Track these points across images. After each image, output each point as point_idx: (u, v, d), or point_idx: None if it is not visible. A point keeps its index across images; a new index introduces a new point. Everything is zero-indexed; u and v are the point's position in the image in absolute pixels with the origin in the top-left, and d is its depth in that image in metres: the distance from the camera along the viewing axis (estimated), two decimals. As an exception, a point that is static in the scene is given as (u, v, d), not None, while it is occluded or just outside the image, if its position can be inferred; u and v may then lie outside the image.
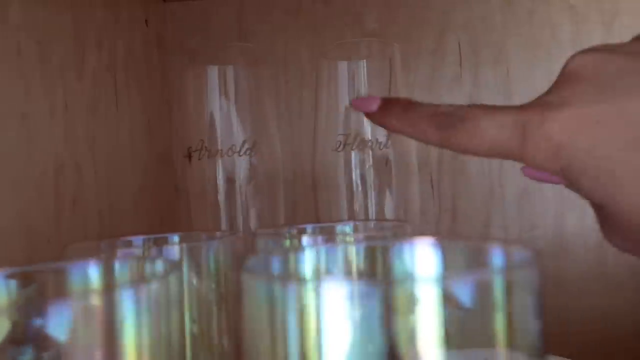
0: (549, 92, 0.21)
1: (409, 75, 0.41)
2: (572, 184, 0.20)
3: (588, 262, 0.41)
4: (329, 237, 0.19)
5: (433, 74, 0.41)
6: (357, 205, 0.31)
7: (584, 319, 0.41)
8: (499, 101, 0.41)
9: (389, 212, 0.32)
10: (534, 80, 0.41)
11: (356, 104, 0.24)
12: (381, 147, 0.29)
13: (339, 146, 0.29)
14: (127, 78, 0.33)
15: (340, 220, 0.22)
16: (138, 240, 0.18)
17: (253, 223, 0.30)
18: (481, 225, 0.41)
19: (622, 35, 0.41)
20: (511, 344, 0.08)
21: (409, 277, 0.10)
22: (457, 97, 0.41)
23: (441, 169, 0.41)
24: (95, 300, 0.09)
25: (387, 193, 0.32)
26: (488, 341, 0.08)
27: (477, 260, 0.10)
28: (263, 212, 0.31)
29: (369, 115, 0.23)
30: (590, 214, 0.42)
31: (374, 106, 0.23)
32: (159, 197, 0.35)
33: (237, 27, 0.43)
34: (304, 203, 0.39)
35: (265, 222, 0.31)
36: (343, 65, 0.33)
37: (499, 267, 0.10)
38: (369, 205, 0.31)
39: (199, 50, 0.34)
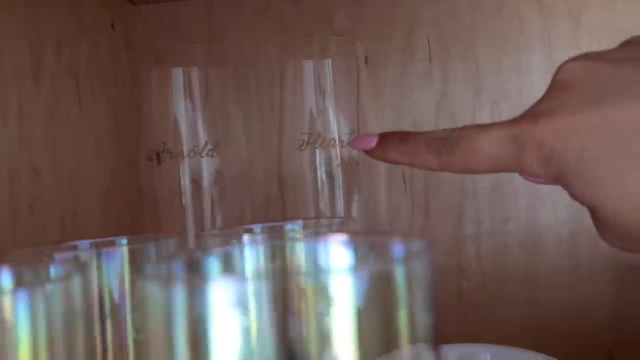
0: (540, 101, 0.21)
1: (379, 73, 0.42)
2: (567, 189, 0.21)
3: (560, 254, 0.41)
4: (275, 236, 0.20)
5: (403, 70, 0.42)
6: (323, 204, 0.31)
7: (557, 311, 0.41)
8: (468, 96, 0.41)
9: (358, 211, 0.32)
10: (502, 74, 0.41)
11: (355, 143, 0.25)
12: (343, 145, 0.29)
13: (302, 145, 0.30)
14: (91, 81, 0.33)
15: (292, 219, 0.22)
16: (84, 244, 0.17)
17: (219, 224, 0.30)
18: (454, 220, 0.41)
19: (590, 28, 0.42)
20: (407, 337, 0.08)
21: (301, 273, 0.10)
22: (427, 93, 0.41)
23: (413, 165, 0.41)
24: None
25: (356, 191, 0.32)
26: (384, 334, 0.08)
27: (379, 254, 0.10)
28: (229, 213, 0.31)
29: (369, 152, 0.24)
30: (562, 207, 0.42)
31: (373, 143, 0.24)
32: (127, 200, 0.35)
33: (207, 27, 0.42)
34: (274, 202, 0.39)
35: (232, 223, 0.31)
36: (309, 64, 0.33)
37: (391, 259, 0.10)
38: (337, 203, 0.31)
39: (163, 51, 0.34)
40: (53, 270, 0.11)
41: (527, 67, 0.41)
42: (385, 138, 0.24)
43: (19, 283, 0.11)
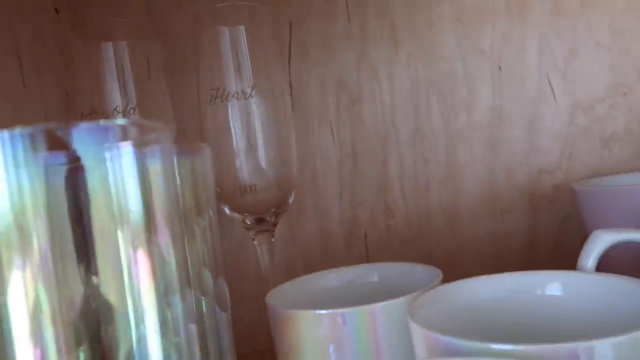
0: None
1: (303, 35, 0.45)
2: None
3: (479, 189, 0.45)
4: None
5: (325, 31, 0.45)
6: (241, 156, 0.35)
7: (478, 242, 0.45)
8: (386, 51, 0.45)
9: (272, 158, 0.36)
10: (417, 29, 0.45)
11: None
12: (246, 97, 0.34)
13: (212, 100, 0.34)
14: (36, 61, 0.38)
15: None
16: None
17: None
18: (380, 164, 0.46)
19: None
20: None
21: None
22: (348, 51, 0.45)
23: (339, 117, 0.46)
24: None
25: (270, 142, 0.36)
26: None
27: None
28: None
29: None
30: (478, 146, 0.46)
31: None
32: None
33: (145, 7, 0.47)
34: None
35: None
36: (223, 30, 0.37)
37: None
38: (253, 154, 0.36)
39: (92, 26, 0.39)
40: None
41: (438, 19, 0.45)
42: None
43: None
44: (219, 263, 0.27)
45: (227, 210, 0.37)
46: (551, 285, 0.25)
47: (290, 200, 0.37)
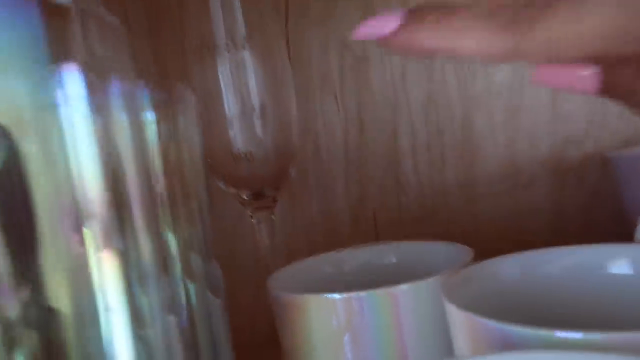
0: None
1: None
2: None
3: (498, 161, 0.41)
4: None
5: (327, -15, 0.40)
6: (235, 119, 0.31)
7: (498, 219, 0.41)
8: (395, 4, 0.40)
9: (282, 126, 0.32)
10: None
11: (365, 29, 0.17)
12: (237, 48, 0.29)
13: (200, 54, 0.29)
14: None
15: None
16: None
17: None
18: (389, 134, 0.41)
19: None
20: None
21: None
22: (352, 6, 0.40)
23: (343, 81, 0.41)
24: None
25: (267, 102, 0.31)
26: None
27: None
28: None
29: (388, 39, 0.16)
30: (497, 112, 0.41)
31: (392, 24, 0.16)
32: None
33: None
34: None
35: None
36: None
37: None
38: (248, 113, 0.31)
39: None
40: None
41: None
42: (415, 15, 0.16)
43: None
44: (209, 244, 0.23)
45: (220, 184, 0.32)
46: (615, 261, 0.20)
47: (292, 171, 0.32)
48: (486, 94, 0.40)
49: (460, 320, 0.17)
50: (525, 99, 0.40)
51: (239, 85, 0.30)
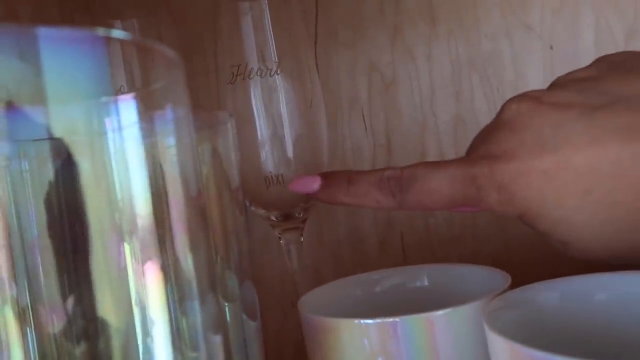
0: (486, 140, 0.22)
1: (333, 11, 0.41)
2: (531, 226, 0.22)
3: (529, 183, 0.40)
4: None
5: (355, 7, 0.41)
6: (265, 139, 0.31)
7: (530, 241, 0.40)
8: (423, 27, 0.40)
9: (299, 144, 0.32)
10: (458, 2, 0.40)
11: (295, 187, 0.24)
12: (271, 74, 0.29)
13: (232, 78, 0.30)
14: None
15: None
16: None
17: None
18: (417, 156, 0.41)
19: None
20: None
21: None
22: (380, 29, 0.41)
23: (372, 103, 0.41)
24: None
25: (298, 126, 0.32)
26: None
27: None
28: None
29: (312, 195, 0.23)
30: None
31: (315, 185, 0.23)
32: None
33: None
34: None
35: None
36: (244, 5, 0.32)
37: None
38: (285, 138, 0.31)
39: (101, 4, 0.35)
40: None
41: (481, -8, 0.40)
42: (329, 180, 0.23)
43: None
44: (246, 264, 0.23)
45: (249, 205, 0.32)
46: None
47: (322, 193, 0.32)
48: (516, 115, 0.40)
49: (503, 349, 0.17)
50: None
51: (271, 108, 0.31)
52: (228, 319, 0.19)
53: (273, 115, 0.31)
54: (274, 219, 0.32)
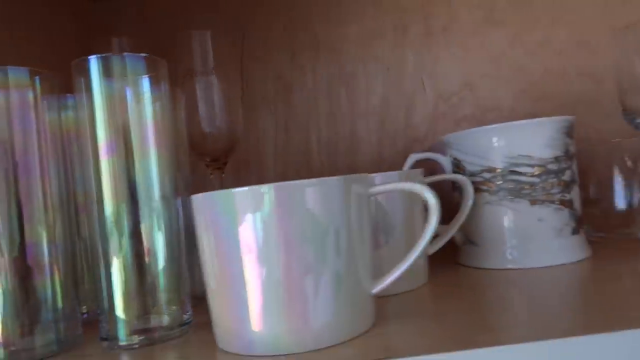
0: None
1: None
2: None
3: (369, 156, 0.64)
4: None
5: (265, 39, 0.64)
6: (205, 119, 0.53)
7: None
8: (311, 53, 0.64)
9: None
10: (325, 43, 0.64)
11: None
12: (208, 76, 0.52)
13: (185, 79, 0.52)
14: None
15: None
16: None
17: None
18: (307, 135, 0.64)
19: None
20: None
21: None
22: (283, 51, 0.64)
23: (277, 101, 0.64)
24: None
25: (224, 109, 0.54)
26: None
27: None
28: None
29: None
30: (373, 123, 0.65)
31: None
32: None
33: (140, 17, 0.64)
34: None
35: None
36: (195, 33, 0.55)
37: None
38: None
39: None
40: None
41: (343, 38, 0.64)
42: None
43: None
44: (189, 187, 0.45)
45: (193, 154, 0.54)
46: None
47: (236, 147, 0.55)
48: (365, 110, 0.64)
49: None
50: (389, 114, 0.64)
51: (209, 99, 0.53)
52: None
53: (211, 101, 0.53)
54: (208, 161, 0.54)
